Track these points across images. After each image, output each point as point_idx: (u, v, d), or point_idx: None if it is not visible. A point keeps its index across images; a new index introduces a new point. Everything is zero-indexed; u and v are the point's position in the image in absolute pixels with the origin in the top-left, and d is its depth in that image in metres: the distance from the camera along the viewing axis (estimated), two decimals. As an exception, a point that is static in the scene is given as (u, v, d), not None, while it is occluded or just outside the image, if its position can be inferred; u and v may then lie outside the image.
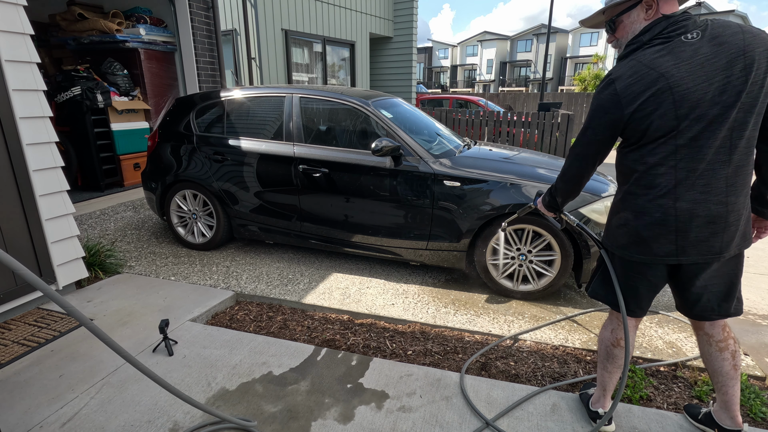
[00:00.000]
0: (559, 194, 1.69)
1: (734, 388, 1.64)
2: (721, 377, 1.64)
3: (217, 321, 2.72)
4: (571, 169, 1.59)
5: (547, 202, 1.78)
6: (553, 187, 1.72)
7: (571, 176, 1.60)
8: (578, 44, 41.08)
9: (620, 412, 1.91)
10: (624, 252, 1.52)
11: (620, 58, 1.45)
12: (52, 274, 2.77)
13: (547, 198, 1.77)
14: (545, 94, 14.04)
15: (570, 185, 1.63)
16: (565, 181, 1.64)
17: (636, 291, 1.56)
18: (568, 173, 1.61)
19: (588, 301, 2.96)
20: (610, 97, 1.38)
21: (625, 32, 1.46)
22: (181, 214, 3.78)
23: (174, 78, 5.85)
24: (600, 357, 1.77)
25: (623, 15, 1.45)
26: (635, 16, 1.42)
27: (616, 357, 1.70)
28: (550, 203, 1.77)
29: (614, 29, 1.49)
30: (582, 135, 1.51)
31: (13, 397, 1.95)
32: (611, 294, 1.63)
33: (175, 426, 1.80)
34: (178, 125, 3.72)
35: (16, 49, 2.49)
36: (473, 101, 11.64)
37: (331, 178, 3.19)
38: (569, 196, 1.67)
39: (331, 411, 1.90)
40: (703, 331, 1.64)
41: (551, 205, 1.77)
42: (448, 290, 3.10)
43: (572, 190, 1.64)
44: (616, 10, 1.47)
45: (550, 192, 1.74)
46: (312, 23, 8.53)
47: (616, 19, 1.47)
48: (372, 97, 3.39)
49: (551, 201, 1.75)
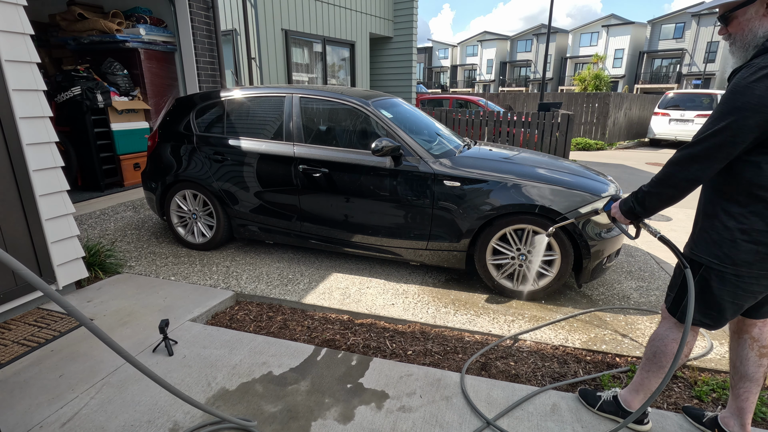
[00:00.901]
0: (654, 200, 1.48)
1: (755, 396, 1.61)
2: (748, 383, 1.59)
3: (217, 321, 2.72)
4: (684, 173, 1.38)
5: (628, 209, 1.58)
6: (642, 192, 1.52)
7: (683, 180, 1.39)
8: (578, 44, 41.07)
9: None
10: (744, 269, 1.38)
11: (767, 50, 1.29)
12: (52, 274, 2.77)
13: (632, 204, 1.56)
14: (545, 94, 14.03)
15: (675, 191, 1.42)
16: (671, 185, 1.42)
17: (740, 308, 1.46)
18: (678, 176, 1.40)
19: (588, 301, 2.96)
20: None
21: (741, 29, 1.35)
22: (181, 214, 3.78)
23: (174, 78, 5.85)
24: (646, 358, 1.69)
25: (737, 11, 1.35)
26: (752, 12, 1.33)
27: (662, 365, 1.63)
28: (632, 210, 1.57)
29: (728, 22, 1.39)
30: (712, 135, 1.31)
31: (13, 397, 1.95)
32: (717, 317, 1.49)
33: (175, 426, 1.80)
34: (178, 125, 3.72)
35: (16, 49, 2.49)
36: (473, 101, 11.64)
37: (331, 178, 3.19)
38: (666, 203, 1.47)
39: (331, 411, 1.90)
40: (749, 334, 1.57)
41: (633, 212, 1.57)
42: (448, 290, 3.11)
43: (674, 196, 1.44)
44: (730, 5, 1.36)
45: (637, 198, 1.54)
46: (312, 23, 8.53)
47: (729, 15, 1.38)
48: (372, 97, 3.39)
49: (636, 208, 1.55)
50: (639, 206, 1.54)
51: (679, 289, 1.57)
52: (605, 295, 3.06)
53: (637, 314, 2.80)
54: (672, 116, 11.81)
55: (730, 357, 1.65)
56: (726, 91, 1.34)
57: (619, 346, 2.45)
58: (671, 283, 1.63)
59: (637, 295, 3.05)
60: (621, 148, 12.42)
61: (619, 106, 12.93)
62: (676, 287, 1.59)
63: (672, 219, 5.02)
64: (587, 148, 11.71)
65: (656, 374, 1.67)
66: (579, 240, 2.71)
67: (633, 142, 13.44)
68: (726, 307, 1.47)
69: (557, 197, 2.75)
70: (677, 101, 11.94)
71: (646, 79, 37.23)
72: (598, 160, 9.87)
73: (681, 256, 1.52)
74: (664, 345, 1.62)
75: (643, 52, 37.27)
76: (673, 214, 5.24)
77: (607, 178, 3.25)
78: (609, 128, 12.52)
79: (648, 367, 1.69)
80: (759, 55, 1.30)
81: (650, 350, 1.68)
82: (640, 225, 1.61)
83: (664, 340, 1.62)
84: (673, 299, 1.60)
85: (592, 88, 27.55)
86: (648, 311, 2.83)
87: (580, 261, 2.78)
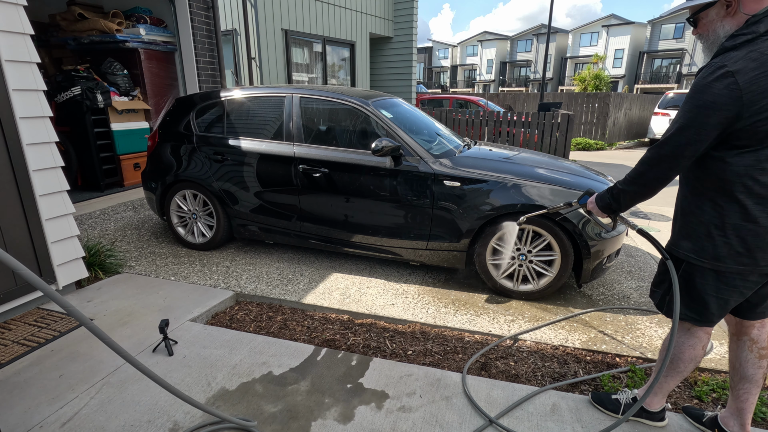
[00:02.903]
0: (627, 197, 1.55)
1: (755, 396, 1.61)
2: (747, 384, 1.60)
3: (217, 321, 2.72)
4: (653, 171, 1.43)
5: (605, 204, 1.63)
6: (617, 189, 1.57)
7: (653, 179, 1.44)
8: (578, 44, 41.06)
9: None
10: (721, 264, 1.41)
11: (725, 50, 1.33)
12: (52, 274, 2.77)
13: (608, 199, 1.62)
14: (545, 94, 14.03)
15: (646, 189, 1.49)
16: (642, 184, 1.48)
17: (726, 303, 1.48)
18: (648, 175, 1.45)
19: (588, 301, 2.96)
20: (728, 92, 1.25)
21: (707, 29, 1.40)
22: (181, 214, 3.78)
23: (174, 78, 5.85)
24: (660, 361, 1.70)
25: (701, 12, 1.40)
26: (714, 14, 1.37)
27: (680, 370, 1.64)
28: (608, 205, 1.62)
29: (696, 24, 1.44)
30: (677, 134, 1.35)
31: (13, 397, 1.95)
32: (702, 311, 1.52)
33: (175, 426, 1.80)
34: (178, 125, 3.72)
35: (16, 49, 2.49)
36: (473, 101, 11.63)
37: (331, 178, 3.19)
38: (638, 199, 1.54)
39: (331, 411, 1.90)
40: (748, 336, 1.58)
41: (609, 207, 1.62)
42: (448, 290, 3.10)
43: (645, 194, 1.50)
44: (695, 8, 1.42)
45: (612, 193, 1.60)
46: (312, 23, 8.53)
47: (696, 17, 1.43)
48: (372, 97, 3.39)
49: (611, 203, 1.61)
50: (615, 202, 1.60)
51: (666, 285, 1.60)
52: (605, 295, 3.06)
53: (637, 314, 2.80)
54: (672, 116, 11.81)
55: (730, 358, 1.66)
56: (689, 89, 1.38)
57: (619, 346, 2.45)
58: (656, 280, 1.67)
59: (637, 295, 3.05)
60: (621, 148, 12.42)
61: (619, 106, 12.93)
62: (662, 283, 1.62)
63: (671, 219, 5.02)
64: (587, 148, 11.71)
65: (674, 378, 1.68)
66: (579, 240, 2.71)
67: (633, 142, 13.44)
68: (710, 301, 1.49)
69: (557, 197, 2.75)
70: (677, 101, 11.95)
71: (646, 79, 37.23)
72: (598, 160, 9.87)
73: (662, 248, 1.57)
74: (681, 351, 1.64)
75: (643, 52, 37.27)
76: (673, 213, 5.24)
77: (607, 178, 3.25)
78: (609, 128, 12.52)
79: (666, 372, 1.69)
80: (718, 55, 1.34)
81: None
82: (617, 219, 1.69)
83: (680, 347, 1.63)
84: (661, 295, 1.63)
85: (592, 88, 27.54)
86: (648, 311, 2.83)
87: (580, 261, 2.78)
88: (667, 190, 6.67)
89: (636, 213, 5.25)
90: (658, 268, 1.66)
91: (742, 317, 1.56)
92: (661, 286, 1.63)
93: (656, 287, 1.66)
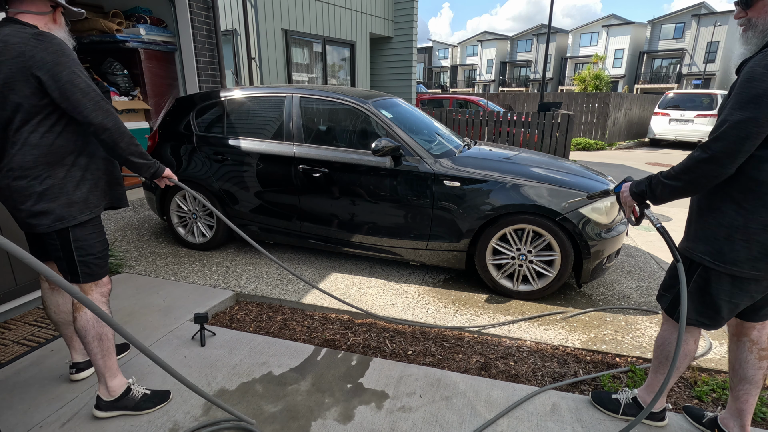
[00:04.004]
0: (666, 190, 1.44)
1: (755, 397, 1.61)
2: (747, 385, 1.59)
3: (217, 321, 2.72)
4: (704, 168, 1.32)
5: (640, 191, 1.53)
6: (657, 180, 1.47)
7: (701, 176, 1.34)
8: (578, 44, 41.06)
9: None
10: (737, 269, 1.37)
11: None
12: (52, 274, 2.77)
13: (644, 186, 1.52)
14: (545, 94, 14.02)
15: (690, 186, 1.38)
16: (688, 180, 1.37)
17: (736, 307, 1.45)
18: (697, 172, 1.34)
19: (588, 301, 2.96)
20: None
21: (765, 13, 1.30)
22: (181, 214, 3.78)
23: (174, 78, 5.85)
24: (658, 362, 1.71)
25: None
26: None
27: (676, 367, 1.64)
28: (642, 193, 1.53)
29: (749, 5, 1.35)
30: (734, 128, 1.24)
31: (13, 397, 1.95)
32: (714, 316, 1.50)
33: (175, 426, 1.80)
34: (178, 125, 3.72)
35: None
36: (473, 101, 11.63)
37: (331, 178, 3.19)
38: (678, 195, 1.44)
39: (331, 411, 1.90)
40: (748, 337, 1.57)
41: (643, 195, 1.53)
42: (448, 290, 3.11)
43: (687, 191, 1.40)
44: None
45: (650, 183, 1.49)
46: (312, 23, 8.53)
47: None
48: (372, 97, 3.39)
49: (645, 191, 1.52)
50: (650, 192, 1.51)
51: (677, 290, 1.56)
52: (605, 295, 3.06)
53: (637, 314, 2.80)
54: (672, 116, 11.81)
55: (729, 359, 1.65)
56: (740, 80, 1.28)
57: (619, 346, 2.45)
58: (666, 284, 1.63)
59: (637, 295, 3.05)
60: (621, 148, 12.42)
61: (619, 106, 12.93)
62: (673, 288, 1.59)
63: (672, 219, 5.02)
64: (587, 148, 11.71)
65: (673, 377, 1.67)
66: (579, 240, 2.71)
67: (633, 142, 13.44)
68: (722, 306, 1.46)
69: (557, 197, 2.75)
70: (677, 101, 11.94)
71: (646, 79, 37.23)
72: (598, 160, 9.87)
73: (676, 250, 1.51)
74: (672, 348, 1.63)
75: (643, 52, 37.27)
76: (673, 213, 5.24)
77: (607, 178, 3.25)
78: (609, 128, 12.52)
79: (662, 370, 1.69)
80: None
81: (661, 354, 1.69)
82: (644, 212, 1.60)
83: (673, 344, 1.62)
84: (671, 300, 1.59)
85: (592, 88, 27.55)
86: (648, 311, 2.83)
87: (580, 261, 2.78)
88: (667, 190, 6.67)
89: (636, 213, 5.25)
90: (668, 271, 1.63)
91: (744, 319, 1.56)
92: (671, 290, 1.59)
93: (666, 291, 1.62)
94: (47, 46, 1.49)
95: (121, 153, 1.67)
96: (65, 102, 1.53)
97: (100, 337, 1.75)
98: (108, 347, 1.78)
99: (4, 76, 1.48)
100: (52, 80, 1.50)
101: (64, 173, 1.62)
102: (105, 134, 1.60)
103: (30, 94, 1.51)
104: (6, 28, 1.50)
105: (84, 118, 1.56)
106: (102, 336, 1.75)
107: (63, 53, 1.52)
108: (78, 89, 1.53)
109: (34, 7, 1.57)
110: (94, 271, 1.74)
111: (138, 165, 1.75)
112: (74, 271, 1.71)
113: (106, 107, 1.59)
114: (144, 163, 1.77)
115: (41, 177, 1.58)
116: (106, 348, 1.78)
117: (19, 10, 1.55)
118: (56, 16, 1.64)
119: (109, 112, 1.60)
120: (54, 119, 1.58)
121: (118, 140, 1.64)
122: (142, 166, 1.78)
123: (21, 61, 1.47)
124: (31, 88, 1.50)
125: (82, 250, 1.69)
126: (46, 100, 1.54)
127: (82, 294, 1.13)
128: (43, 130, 1.56)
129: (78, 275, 1.71)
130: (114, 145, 1.64)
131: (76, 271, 1.71)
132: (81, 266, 1.70)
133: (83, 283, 1.73)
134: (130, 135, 1.67)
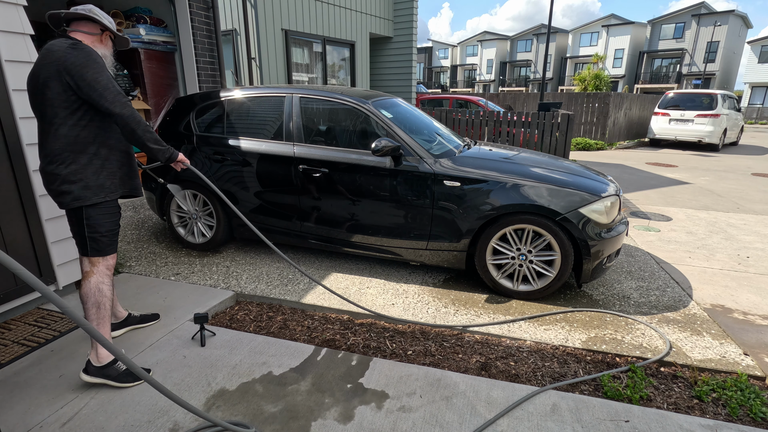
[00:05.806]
0: None
1: None
2: None
3: (217, 321, 2.72)
4: None
5: None
6: None
7: None
8: (578, 44, 41.04)
9: (620, 411, 1.91)
10: None
11: None
12: (52, 274, 2.77)
13: None
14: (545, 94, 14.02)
15: None
16: None
17: None
18: None
19: (588, 301, 2.96)
20: None
21: None
22: (181, 214, 3.78)
23: (174, 78, 5.84)
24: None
25: None
26: None
27: None
28: None
29: None
30: None
31: (13, 397, 1.95)
32: None
33: (175, 426, 1.80)
34: (178, 125, 3.72)
35: (16, 49, 2.49)
36: (473, 101, 11.63)
37: (331, 178, 3.19)
38: None
39: (331, 411, 1.90)
40: None
41: None
42: (448, 290, 3.11)
43: None
44: None
45: None
46: (312, 23, 8.53)
47: None
48: (372, 97, 3.39)
49: None
50: None
51: None
52: (605, 295, 3.06)
53: (637, 314, 2.80)
54: (672, 116, 11.81)
55: None
56: None
57: (619, 346, 2.45)
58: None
59: (637, 295, 3.05)
60: (621, 148, 12.42)
61: (619, 106, 12.92)
62: None
63: (672, 219, 5.02)
64: (587, 148, 11.71)
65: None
66: (579, 240, 2.71)
67: (633, 142, 13.44)
68: None
69: (557, 197, 2.75)
70: (677, 101, 11.95)
71: (646, 79, 37.22)
72: (598, 160, 9.87)
73: None
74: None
75: (643, 52, 37.26)
76: (673, 214, 5.24)
77: (607, 177, 3.25)
78: (609, 128, 12.52)
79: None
80: None
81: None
82: None
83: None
84: None
85: (592, 88, 27.54)
86: (648, 311, 2.83)
87: (580, 261, 2.78)
88: (667, 190, 6.67)
89: (636, 213, 5.25)
90: None
91: None
92: None
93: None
94: (78, 53, 1.82)
95: (139, 139, 1.96)
96: (89, 96, 1.84)
97: (98, 306, 2.01)
98: (104, 315, 2.04)
99: (44, 76, 1.83)
100: (79, 79, 1.81)
101: (86, 160, 1.93)
102: (123, 122, 1.90)
103: (62, 91, 1.83)
104: (56, 40, 1.87)
105: (105, 109, 1.86)
106: (100, 305, 2.02)
107: (90, 58, 1.84)
108: (100, 85, 1.83)
109: (86, 28, 1.96)
110: (101, 248, 2.02)
111: (154, 150, 2.04)
112: (84, 245, 2.01)
113: (124, 101, 1.89)
114: (159, 148, 2.06)
115: (66, 162, 1.89)
116: (102, 316, 2.03)
117: (74, 29, 1.95)
118: (103, 38, 2.02)
119: (126, 105, 1.89)
120: (80, 114, 1.88)
121: (135, 127, 1.92)
122: (158, 151, 2.06)
123: (57, 65, 1.81)
124: (62, 86, 1.82)
125: (92, 228, 1.97)
126: (74, 97, 1.85)
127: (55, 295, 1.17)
128: (71, 123, 1.87)
129: (87, 249, 2.00)
130: (132, 132, 1.93)
131: (86, 245, 2.00)
132: (90, 242, 1.99)
133: (91, 256, 2.02)
134: (145, 123, 1.96)
